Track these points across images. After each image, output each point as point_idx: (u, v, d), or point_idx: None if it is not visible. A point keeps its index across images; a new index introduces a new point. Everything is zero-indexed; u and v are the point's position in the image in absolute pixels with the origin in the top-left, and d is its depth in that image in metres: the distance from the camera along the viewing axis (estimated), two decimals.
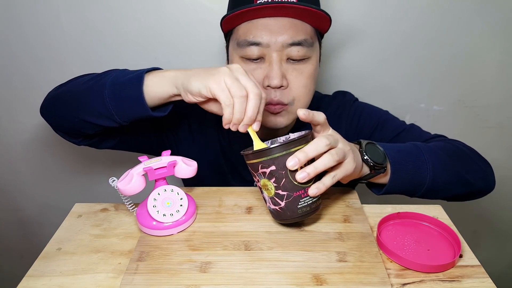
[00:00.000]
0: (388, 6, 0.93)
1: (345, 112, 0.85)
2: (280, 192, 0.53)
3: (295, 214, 0.55)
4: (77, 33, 0.95)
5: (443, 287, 0.49)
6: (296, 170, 0.52)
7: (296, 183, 0.52)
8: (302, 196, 0.53)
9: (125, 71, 0.66)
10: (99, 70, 0.98)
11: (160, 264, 0.51)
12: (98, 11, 0.93)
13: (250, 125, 0.56)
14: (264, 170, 0.53)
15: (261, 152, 0.52)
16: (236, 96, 0.54)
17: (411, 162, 0.63)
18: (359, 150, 0.61)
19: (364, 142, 0.62)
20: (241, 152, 0.56)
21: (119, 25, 0.95)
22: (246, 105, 0.54)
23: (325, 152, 0.52)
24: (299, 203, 0.54)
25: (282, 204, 0.54)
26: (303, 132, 0.58)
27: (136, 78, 0.61)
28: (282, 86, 0.68)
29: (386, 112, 0.85)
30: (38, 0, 0.91)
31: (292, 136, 0.60)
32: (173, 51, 0.98)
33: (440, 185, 0.65)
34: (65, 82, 0.73)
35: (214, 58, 0.99)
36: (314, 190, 0.52)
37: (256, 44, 0.67)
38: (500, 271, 1.37)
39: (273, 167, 0.52)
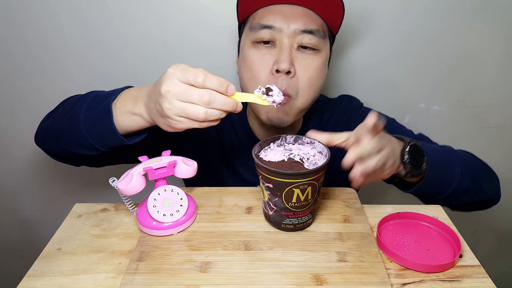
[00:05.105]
0: (388, 6, 0.93)
1: (354, 117, 0.84)
2: (271, 204, 0.55)
3: (278, 226, 0.57)
4: (77, 34, 0.95)
5: (443, 287, 0.49)
6: (292, 197, 0.52)
7: (287, 205, 0.53)
8: (290, 216, 0.55)
9: (97, 96, 0.63)
10: (99, 71, 1.00)
11: (160, 264, 0.51)
12: (97, 12, 0.93)
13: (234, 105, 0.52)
14: (263, 181, 0.53)
15: (266, 168, 0.52)
16: (206, 103, 0.49)
17: (445, 164, 0.64)
18: (401, 152, 0.60)
19: (409, 144, 0.61)
20: (253, 151, 0.56)
21: (118, 26, 0.95)
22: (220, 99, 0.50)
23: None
24: (285, 220, 0.55)
25: (270, 213, 0.56)
26: (324, 151, 0.57)
27: (105, 112, 0.59)
28: (289, 72, 0.68)
29: (393, 120, 0.86)
30: (38, 1, 0.91)
31: (316, 141, 0.58)
32: (173, 51, 0.98)
33: (463, 190, 0.66)
34: (53, 110, 0.72)
35: (214, 58, 0.99)
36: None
37: (269, 27, 0.68)
38: (500, 271, 1.37)
39: (270, 185, 0.52)
